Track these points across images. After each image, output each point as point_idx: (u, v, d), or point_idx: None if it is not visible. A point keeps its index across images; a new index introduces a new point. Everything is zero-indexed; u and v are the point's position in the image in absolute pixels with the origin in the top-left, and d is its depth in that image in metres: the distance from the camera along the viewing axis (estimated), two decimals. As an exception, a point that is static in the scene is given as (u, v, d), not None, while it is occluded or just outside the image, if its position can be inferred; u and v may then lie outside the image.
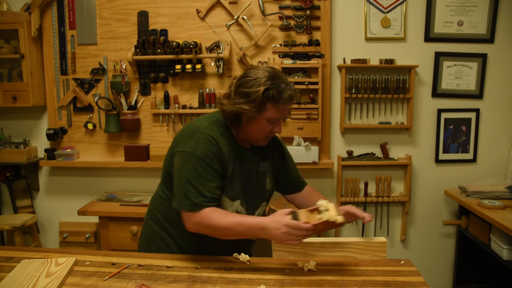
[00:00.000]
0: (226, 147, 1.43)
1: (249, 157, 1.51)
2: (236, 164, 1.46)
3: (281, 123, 1.49)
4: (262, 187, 1.57)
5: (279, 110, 1.41)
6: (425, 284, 1.27)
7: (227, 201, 1.46)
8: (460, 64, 2.78)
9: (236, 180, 1.46)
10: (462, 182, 2.76)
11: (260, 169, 1.55)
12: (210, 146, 1.39)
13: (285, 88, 1.40)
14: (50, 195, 3.11)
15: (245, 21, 2.74)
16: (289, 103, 1.43)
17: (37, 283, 1.25)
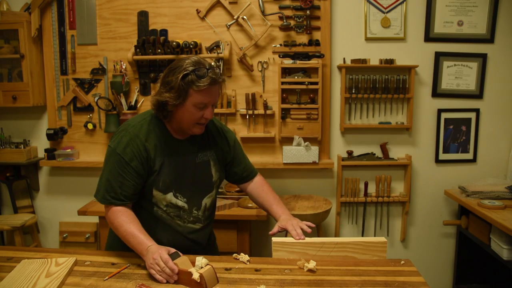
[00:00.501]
0: (154, 142, 1.48)
1: (185, 148, 1.54)
2: (167, 157, 1.49)
3: (211, 108, 1.48)
4: (205, 177, 1.59)
5: (203, 94, 1.42)
6: (425, 284, 1.27)
7: (159, 194, 1.50)
8: (460, 64, 2.78)
9: (165, 173, 1.49)
10: (462, 182, 2.76)
11: (200, 159, 1.58)
12: (132, 145, 1.44)
13: (206, 72, 1.42)
14: (50, 195, 3.11)
15: (245, 21, 2.74)
16: (212, 86, 1.43)
17: (37, 283, 1.25)
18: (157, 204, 1.52)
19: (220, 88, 1.50)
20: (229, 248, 2.57)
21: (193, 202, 1.57)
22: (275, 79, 2.76)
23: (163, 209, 1.53)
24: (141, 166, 1.45)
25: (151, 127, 1.50)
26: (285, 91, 2.73)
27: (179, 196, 1.53)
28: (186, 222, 1.57)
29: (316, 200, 2.73)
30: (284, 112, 2.78)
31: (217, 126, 1.68)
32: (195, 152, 1.56)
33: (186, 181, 1.54)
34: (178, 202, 1.53)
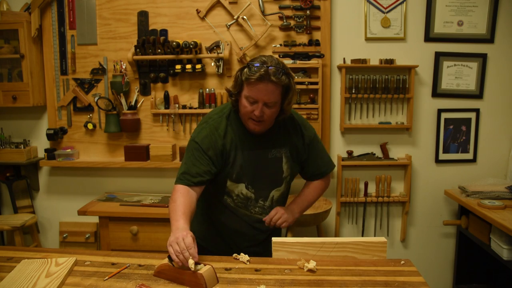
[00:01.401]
0: (230, 136, 1.57)
1: (259, 143, 1.60)
2: (241, 151, 1.57)
3: (261, 106, 1.47)
4: (276, 172, 1.64)
5: (251, 88, 1.46)
6: (425, 284, 1.27)
7: (232, 184, 1.60)
8: (460, 64, 2.78)
9: (238, 166, 1.58)
10: (462, 182, 2.76)
11: (273, 155, 1.62)
12: (210, 137, 1.54)
13: (258, 67, 1.43)
14: (50, 195, 3.11)
15: (245, 21, 2.74)
16: (261, 82, 1.43)
17: (37, 283, 1.25)
18: (229, 193, 1.63)
19: (280, 88, 1.47)
20: (229, 248, 2.57)
21: (260, 194, 1.64)
22: (275, 79, 2.76)
23: (233, 198, 1.63)
24: (215, 157, 1.54)
25: (229, 121, 1.59)
26: (285, 91, 2.73)
27: (250, 187, 1.62)
28: (253, 213, 1.67)
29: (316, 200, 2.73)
30: (284, 112, 2.77)
31: (296, 123, 1.68)
32: (269, 147, 1.61)
33: (258, 174, 1.61)
34: (248, 193, 1.63)
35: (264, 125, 1.54)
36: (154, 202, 2.72)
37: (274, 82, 1.44)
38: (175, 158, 2.87)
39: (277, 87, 1.46)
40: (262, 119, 1.50)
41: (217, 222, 1.70)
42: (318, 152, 1.73)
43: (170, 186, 2.95)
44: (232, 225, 1.68)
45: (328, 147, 2.86)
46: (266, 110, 1.49)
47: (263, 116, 1.49)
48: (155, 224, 2.59)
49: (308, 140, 1.68)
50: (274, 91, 1.46)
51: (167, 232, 2.67)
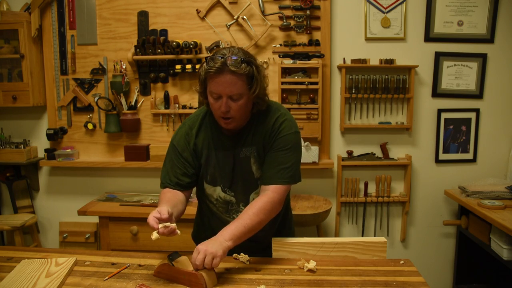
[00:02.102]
0: (203, 136, 1.54)
1: (231, 143, 1.52)
2: (213, 151, 1.53)
3: (225, 101, 1.37)
4: (247, 173, 1.53)
5: (213, 83, 1.37)
6: (425, 284, 1.27)
7: (209, 187, 1.57)
8: (460, 64, 2.78)
9: (211, 166, 1.54)
10: (462, 182, 2.76)
11: (243, 154, 1.52)
12: (185, 136, 1.54)
13: (216, 59, 1.35)
14: (50, 195, 3.11)
15: (245, 21, 2.74)
16: (220, 75, 1.34)
17: (37, 283, 1.25)
18: (208, 198, 1.60)
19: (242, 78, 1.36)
20: (229, 248, 2.57)
21: (240, 198, 1.57)
22: (275, 79, 2.76)
23: (214, 203, 1.60)
24: (191, 158, 1.54)
25: (204, 121, 1.56)
26: (285, 91, 2.73)
27: (227, 190, 1.57)
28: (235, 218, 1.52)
29: (316, 200, 2.73)
30: (284, 112, 2.77)
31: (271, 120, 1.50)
32: (240, 146, 1.52)
33: (232, 176, 1.54)
34: (226, 197, 1.57)
35: (235, 121, 1.44)
36: (154, 202, 2.72)
37: (233, 72, 1.34)
38: (175, 158, 2.87)
39: (239, 77, 1.35)
40: (229, 115, 1.40)
41: (209, 229, 1.62)
42: (278, 154, 1.48)
43: (170, 186, 2.98)
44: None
45: (328, 147, 2.86)
46: (232, 104, 1.38)
47: (229, 111, 1.39)
48: (155, 224, 2.59)
49: (276, 136, 1.48)
50: (236, 82, 1.36)
51: (167, 232, 2.65)
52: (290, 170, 1.47)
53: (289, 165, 1.47)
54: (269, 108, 1.52)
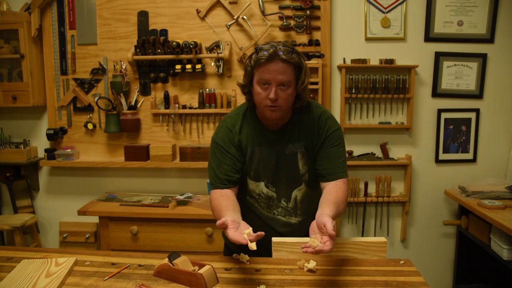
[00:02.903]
0: (246, 132, 1.56)
1: (276, 139, 1.55)
2: (257, 147, 1.56)
3: (275, 88, 1.41)
4: (293, 169, 1.57)
5: (263, 71, 1.41)
6: (425, 284, 1.27)
7: (252, 182, 1.60)
8: (460, 64, 2.78)
9: (255, 162, 1.56)
10: (462, 182, 2.76)
11: (290, 150, 1.56)
12: (227, 134, 1.56)
13: (267, 48, 1.40)
14: (50, 195, 3.11)
15: (245, 21, 2.74)
16: (272, 62, 1.39)
17: (37, 283, 1.25)
18: (250, 193, 1.61)
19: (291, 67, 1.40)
20: (229, 248, 2.57)
21: (282, 193, 1.59)
22: (275, 79, 2.76)
23: (256, 198, 1.61)
24: (237, 153, 1.56)
25: (246, 118, 1.58)
26: (285, 91, 2.73)
27: (270, 186, 1.59)
28: (275, 214, 1.61)
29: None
30: (284, 112, 2.77)
31: (315, 116, 1.56)
32: (285, 142, 1.55)
33: (275, 171, 1.57)
34: (269, 192, 1.59)
35: (281, 110, 1.47)
36: (154, 202, 2.72)
37: (284, 60, 1.39)
38: (175, 158, 2.87)
39: (289, 66, 1.41)
40: (278, 103, 1.43)
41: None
42: (334, 149, 1.54)
43: (170, 186, 2.99)
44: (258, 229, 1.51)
45: (328, 147, 2.85)
46: (280, 93, 1.42)
47: (278, 99, 1.42)
48: (155, 224, 2.59)
49: (326, 133, 1.55)
50: (286, 69, 1.40)
51: (167, 232, 2.68)
52: (344, 164, 1.56)
53: (343, 159, 1.56)
54: (309, 105, 1.57)
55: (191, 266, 1.30)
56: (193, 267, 1.29)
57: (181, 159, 2.81)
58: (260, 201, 1.62)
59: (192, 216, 2.55)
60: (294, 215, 1.63)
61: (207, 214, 2.52)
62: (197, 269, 1.28)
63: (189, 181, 2.98)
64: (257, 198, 1.62)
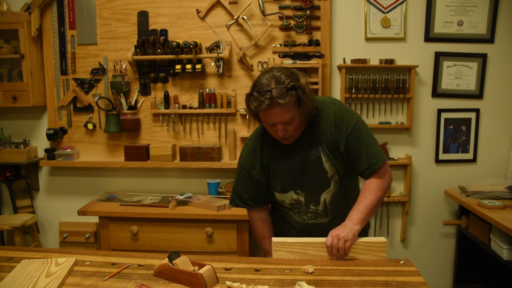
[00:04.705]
0: (267, 152, 1.63)
1: (295, 149, 1.59)
2: (279, 161, 1.61)
3: (281, 126, 1.47)
4: (319, 173, 1.59)
5: (265, 115, 1.47)
6: (425, 284, 1.27)
7: (280, 195, 1.66)
8: (460, 64, 2.78)
9: (280, 176, 1.62)
10: (462, 182, 2.76)
11: (314, 155, 1.58)
12: (250, 157, 1.66)
13: (262, 96, 1.41)
14: (50, 195, 3.11)
15: (245, 21, 2.74)
16: (271, 108, 1.41)
17: (37, 283, 1.25)
18: (282, 204, 1.68)
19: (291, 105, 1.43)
20: (229, 248, 2.57)
21: (310, 198, 1.62)
22: (275, 79, 2.76)
23: (288, 207, 1.67)
24: (259, 175, 1.65)
25: (264, 139, 1.64)
26: (285, 91, 2.73)
27: (299, 192, 1.63)
28: (306, 219, 1.65)
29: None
30: (284, 112, 2.77)
31: (328, 115, 1.57)
32: (307, 149, 1.58)
33: (302, 179, 1.60)
34: (299, 198, 1.64)
35: (294, 136, 1.55)
36: (154, 202, 2.72)
37: (282, 104, 1.41)
38: (175, 158, 2.87)
39: (288, 106, 1.43)
40: (287, 136, 1.51)
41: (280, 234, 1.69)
42: (360, 143, 1.54)
43: (170, 186, 2.99)
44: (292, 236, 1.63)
45: (328, 147, 2.86)
46: (287, 127, 1.49)
47: (286, 133, 1.50)
48: (155, 224, 2.59)
49: (345, 131, 1.55)
50: (286, 110, 1.43)
51: (167, 232, 2.68)
52: (377, 150, 1.56)
53: (373, 147, 1.56)
54: (322, 104, 1.59)
55: (191, 266, 1.30)
56: (193, 267, 1.29)
57: (181, 159, 2.81)
58: (292, 208, 1.67)
59: (192, 216, 2.55)
60: (324, 216, 1.65)
61: (207, 214, 2.52)
62: (197, 269, 1.28)
63: (189, 181, 2.98)
64: (289, 207, 1.67)
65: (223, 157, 2.89)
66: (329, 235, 1.44)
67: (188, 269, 1.27)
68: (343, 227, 1.46)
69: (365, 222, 1.50)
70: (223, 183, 2.89)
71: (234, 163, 2.81)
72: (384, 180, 1.56)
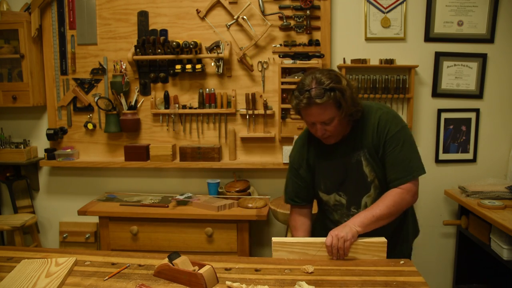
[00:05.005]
0: (313, 150, 1.67)
1: (340, 151, 1.61)
2: (324, 161, 1.65)
3: (319, 127, 1.52)
4: (360, 176, 1.59)
5: (305, 114, 1.52)
6: (425, 284, 1.27)
7: (324, 195, 1.68)
8: (460, 64, 2.78)
9: (323, 176, 1.66)
10: (462, 182, 2.76)
11: (355, 159, 1.59)
12: (298, 156, 1.71)
13: (301, 95, 1.47)
14: (50, 195, 3.11)
15: (245, 21, 2.74)
16: (310, 107, 1.47)
17: (37, 283, 1.25)
18: (326, 204, 1.71)
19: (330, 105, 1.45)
20: (229, 248, 2.57)
21: (351, 200, 1.63)
22: (275, 79, 2.76)
23: (332, 208, 1.69)
24: (305, 173, 1.69)
25: (312, 137, 1.66)
26: (285, 91, 2.73)
27: (341, 194, 1.65)
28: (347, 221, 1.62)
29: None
30: (284, 112, 2.78)
31: (375, 120, 1.57)
32: (349, 153, 1.60)
33: (344, 181, 1.62)
34: (341, 200, 1.65)
35: (334, 137, 1.56)
36: (154, 202, 2.72)
37: (320, 104, 1.45)
38: (175, 158, 2.87)
39: (326, 106, 1.46)
40: (326, 135, 1.54)
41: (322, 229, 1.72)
42: (395, 153, 1.52)
43: (170, 186, 2.99)
44: None
45: (328, 147, 2.86)
46: (326, 127, 1.52)
47: (325, 133, 1.53)
48: (155, 224, 2.59)
49: (385, 137, 1.53)
50: (324, 110, 1.47)
51: (167, 232, 2.68)
52: (412, 165, 1.54)
53: (409, 160, 1.53)
54: (369, 110, 1.60)
55: (191, 266, 1.30)
56: (193, 267, 1.29)
57: (181, 159, 2.81)
58: (334, 209, 1.69)
59: (192, 216, 2.55)
60: None
61: (207, 214, 2.53)
62: (197, 269, 1.28)
63: (189, 181, 2.98)
64: (333, 208, 1.69)
65: (223, 157, 2.89)
66: (328, 235, 1.46)
67: (188, 269, 1.27)
68: (343, 227, 1.47)
69: (367, 228, 1.48)
70: (223, 183, 2.89)
71: (234, 163, 2.81)
72: (403, 198, 1.51)
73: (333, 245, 1.44)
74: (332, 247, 1.44)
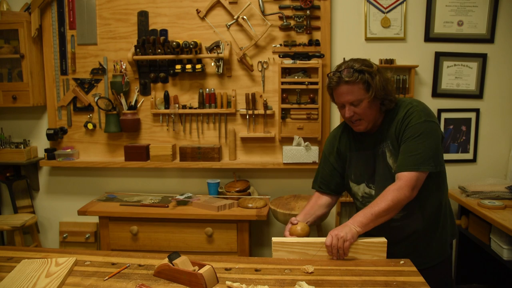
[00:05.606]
0: (345, 140, 1.72)
1: (370, 142, 1.64)
2: (355, 152, 1.69)
3: (347, 108, 1.56)
4: (385, 168, 1.61)
5: (335, 94, 1.58)
6: (425, 284, 1.27)
7: (354, 185, 1.71)
8: (460, 64, 2.78)
9: (354, 166, 1.69)
10: (462, 182, 2.76)
11: (380, 150, 1.61)
12: (330, 143, 1.78)
13: (333, 74, 1.56)
14: (50, 195, 3.11)
15: (245, 21, 2.74)
16: (339, 86, 1.53)
17: (37, 283, 1.25)
18: (355, 196, 1.74)
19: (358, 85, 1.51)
20: (229, 248, 2.57)
21: (379, 192, 1.58)
22: (275, 79, 2.76)
23: (360, 200, 1.71)
24: (334, 160, 1.74)
25: (346, 126, 1.73)
26: (285, 91, 2.73)
27: (371, 186, 1.66)
28: None
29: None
30: (284, 112, 2.78)
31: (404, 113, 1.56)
32: (378, 144, 1.63)
33: (372, 172, 1.64)
34: (371, 192, 1.66)
35: (364, 123, 1.58)
36: (154, 202, 2.72)
37: (347, 82, 1.51)
38: (175, 158, 2.87)
39: (354, 86, 1.52)
40: (355, 118, 1.57)
41: None
42: (409, 142, 1.50)
43: (170, 186, 2.99)
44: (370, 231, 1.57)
45: (328, 147, 2.85)
46: (355, 109, 1.55)
47: (354, 115, 1.56)
48: (155, 224, 2.59)
49: (406, 126, 1.53)
50: (352, 89, 1.52)
51: (167, 232, 2.68)
52: (419, 157, 1.47)
53: (417, 152, 1.48)
54: (402, 103, 1.61)
55: (191, 266, 1.30)
56: (193, 267, 1.29)
57: (181, 159, 2.81)
58: (364, 202, 1.67)
59: (192, 216, 2.55)
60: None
61: (207, 214, 2.52)
62: (197, 269, 1.28)
63: (189, 181, 2.98)
64: (361, 201, 1.70)
65: (223, 157, 2.89)
66: (328, 235, 1.47)
67: (188, 269, 1.27)
68: (343, 227, 1.47)
69: (367, 227, 1.47)
70: (223, 183, 2.89)
71: (234, 163, 2.81)
72: (400, 193, 1.47)
73: (332, 245, 1.44)
74: (331, 247, 1.44)
